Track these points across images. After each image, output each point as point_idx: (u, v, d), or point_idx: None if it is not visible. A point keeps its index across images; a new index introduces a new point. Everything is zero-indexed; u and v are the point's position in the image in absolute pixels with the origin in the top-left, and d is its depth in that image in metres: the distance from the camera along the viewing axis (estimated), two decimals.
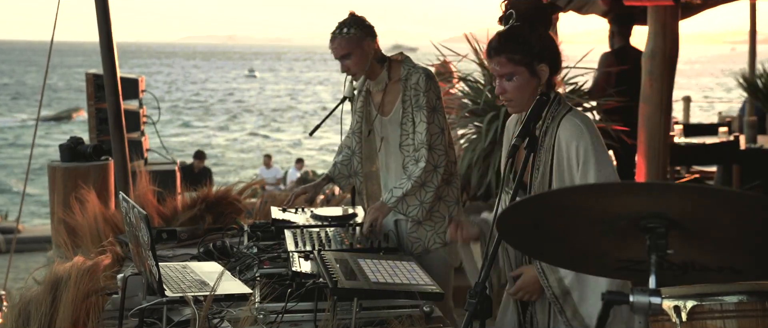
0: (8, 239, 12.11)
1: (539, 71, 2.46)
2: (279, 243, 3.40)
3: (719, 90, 59.31)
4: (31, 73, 77.47)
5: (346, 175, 3.85)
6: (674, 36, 5.00)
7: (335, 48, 3.51)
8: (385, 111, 3.61)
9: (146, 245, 2.42)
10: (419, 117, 3.46)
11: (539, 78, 2.47)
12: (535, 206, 1.71)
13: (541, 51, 2.45)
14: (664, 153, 5.11)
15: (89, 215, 3.77)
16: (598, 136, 2.49)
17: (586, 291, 2.47)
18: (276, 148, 31.55)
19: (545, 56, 2.46)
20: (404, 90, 3.51)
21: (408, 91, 3.50)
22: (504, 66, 2.45)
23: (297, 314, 2.60)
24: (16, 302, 2.69)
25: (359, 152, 3.74)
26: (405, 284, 2.67)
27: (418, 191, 3.46)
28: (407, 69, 3.53)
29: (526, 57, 2.43)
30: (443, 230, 3.53)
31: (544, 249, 1.88)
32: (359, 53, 3.49)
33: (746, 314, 1.94)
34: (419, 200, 3.47)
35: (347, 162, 3.85)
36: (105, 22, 4.86)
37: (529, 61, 2.44)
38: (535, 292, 2.59)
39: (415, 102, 3.47)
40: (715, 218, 1.57)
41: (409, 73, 3.51)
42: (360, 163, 3.75)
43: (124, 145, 4.99)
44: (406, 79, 3.51)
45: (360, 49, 3.49)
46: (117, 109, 4.97)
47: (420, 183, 3.44)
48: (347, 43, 3.48)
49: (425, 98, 3.45)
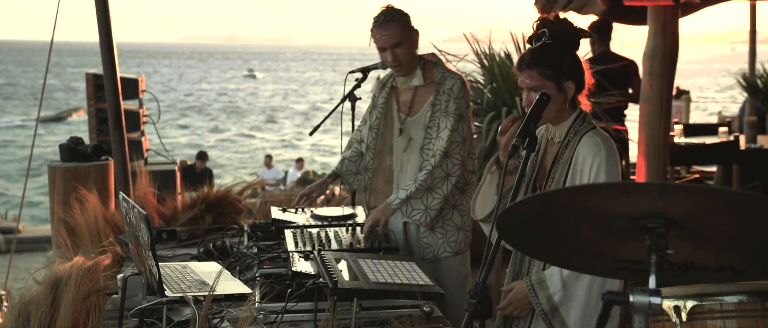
0: (8, 239, 12.11)
1: (566, 88, 2.59)
2: (279, 243, 3.40)
3: (712, 90, 59.32)
4: (27, 74, 77.51)
5: (355, 171, 3.77)
6: (674, 36, 4.99)
7: (387, 36, 3.37)
8: (412, 111, 3.53)
9: (146, 245, 2.43)
10: (445, 123, 3.39)
11: (566, 94, 2.59)
12: (535, 206, 1.71)
13: (570, 70, 2.59)
14: (664, 153, 5.10)
15: (89, 215, 3.77)
16: (614, 156, 2.57)
17: (572, 305, 2.53)
18: (265, 149, 31.54)
19: (573, 75, 2.59)
20: (436, 94, 3.43)
21: (440, 96, 3.42)
22: (534, 79, 2.57)
23: (297, 314, 2.60)
24: (16, 302, 2.69)
25: (373, 147, 3.65)
26: (405, 284, 2.67)
27: (423, 195, 3.41)
28: (441, 73, 3.45)
29: (556, 73, 2.56)
30: (455, 240, 3.51)
31: (544, 249, 1.88)
32: (409, 44, 3.41)
33: (746, 314, 1.94)
34: (424, 205, 3.42)
35: (356, 158, 3.77)
36: (105, 22, 4.86)
37: (557, 78, 2.57)
38: (525, 307, 2.62)
39: (445, 107, 3.40)
40: (715, 218, 1.57)
41: (444, 77, 3.43)
42: (372, 158, 3.66)
43: (124, 145, 4.98)
44: (440, 82, 3.43)
45: (410, 39, 3.42)
46: (117, 109, 4.97)
47: (426, 187, 3.39)
48: (402, 30, 3.37)
49: (455, 105, 3.39)
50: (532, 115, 2.47)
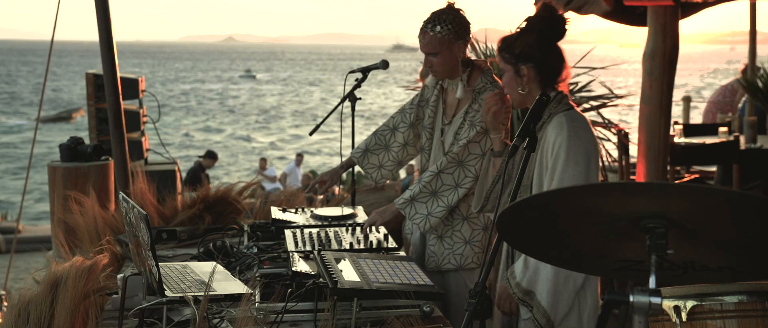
0: (8, 239, 12.11)
1: (522, 72, 2.71)
2: (279, 243, 3.40)
3: (708, 90, 59.36)
4: (23, 73, 77.49)
5: (377, 165, 3.65)
6: (674, 36, 4.99)
7: (424, 44, 3.31)
8: (448, 115, 3.44)
9: (146, 245, 2.42)
10: (468, 132, 3.29)
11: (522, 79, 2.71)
12: (535, 206, 1.71)
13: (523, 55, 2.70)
14: (664, 153, 5.10)
15: (89, 215, 3.76)
16: (578, 137, 2.60)
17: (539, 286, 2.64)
18: (257, 150, 31.50)
19: (530, 59, 2.69)
20: (472, 101, 3.33)
21: (474, 104, 3.32)
22: (500, 63, 2.78)
23: (297, 314, 2.60)
24: (16, 302, 2.68)
25: (428, 148, 3.51)
26: (405, 284, 2.67)
27: (428, 200, 3.29)
28: (484, 82, 3.34)
29: (511, 57, 2.72)
30: (461, 253, 3.36)
31: (544, 249, 1.88)
32: (447, 54, 3.29)
33: (746, 314, 1.94)
34: (427, 211, 3.29)
35: (379, 150, 3.63)
36: (105, 22, 4.86)
37: (514, 62, 2.71)
38: (512, 300, 2.73)
39: (474, 116, 3.30)
40: (715, 218, 1.57)
41: (485, 86, 3.32)
42: (427, 160, 3.51)
43: (124, 145, 4.98)
44: (479, 91, 3.33)
45: (449, 51, 3.29)
46: (117, 109, 4.97)
47: (430, 190, 3.28)
48: (438, 43, 3.27)
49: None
50: (532, 115, 2.48)
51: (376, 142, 3.65)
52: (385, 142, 3.65)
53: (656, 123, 5.02)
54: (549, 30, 2.71)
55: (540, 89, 2.69)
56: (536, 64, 2.68)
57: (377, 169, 3.67)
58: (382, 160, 3.66)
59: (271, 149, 32.44)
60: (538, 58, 2.68)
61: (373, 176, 3.72)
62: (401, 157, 3.67)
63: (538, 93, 2.65)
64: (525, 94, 2.71)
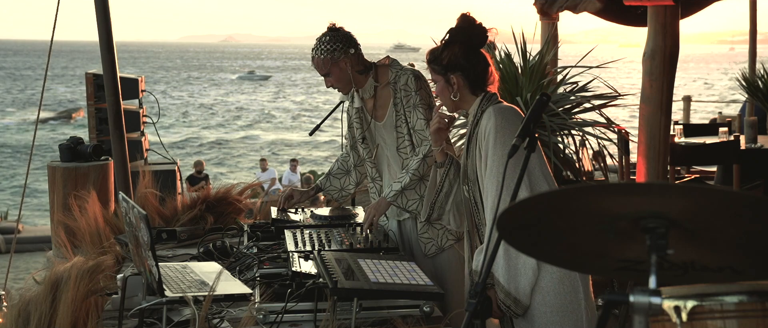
0: (8, 239, 12.11)
1: (452, 81, 2.85)
2: (279, 243, 3.40)
3: (704, 90, 59.37)
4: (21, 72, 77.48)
5: (339, 188, 3.89)
6: (674, 36, 4.99)
7: (316, 68, 3.52)
8: (378, 116, 3.59)
9: (146, 245, 2.43)
10: (415, 116, 3.45)
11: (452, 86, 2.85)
12: (535, 206, 1.71)
13: (450, 64, 2.84)
14: (664, 153, 5.10)
15: (89, 216, 3.76)
16: (505, 119, 2.74)
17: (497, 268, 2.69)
18: (253, 149, 31.48)
19: (457, 68, 2.84)
20: (394, 93, 3.49)
21: (398, 94, 3.48)
22: (431, 74, 2.94)
23: (297, 314, 2.60)
24: (16, 302, 2.69)
25: (372, 157, 3.70)
26: (405, 284, 2.67)
27: (417, 185, 3.43)
28: (395, 72, 3.51)
29: (440, 69, 2.86)
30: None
31: (544, 249, 1.88)
32: (337, 71, 3.48)
33: (747, 314, 1.93)
34: (419, 194, 3.44)
35: (341, 175, 3.88)
36: (105, 22, 4.86)
37: (443, 72, 2.86)
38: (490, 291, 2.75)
39: (407, 103, 3.46)
40: (715, 218, 1.56)
41: (398, 75, 3.49)
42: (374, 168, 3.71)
43: (124, 146, 4.99)
44: (395, 82, 3.49)
45: (337, 67, 3.47)
46: (117, 109, 4.97)
47: (419, 176, 3.42)
48: (323, 63, 3.47)
49: (418, 97, 3.45)
50: (531, 116, 2.48)
51: (339, 168, 3.90)
52: (347, 168, 3.89)
53: (656, 123, 5.02)
54: (471, 39, 2.86)
55: (471, 94, 2.85)
56: (464, 72, 2.84)
57: (339, 191, 3.91)
58: (343, 184, 3.90)
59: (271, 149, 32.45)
60: (464, 66, 2.84)
61: (334, 197, 3.94)
62: (358, 179, 3.92)
63: (469, 98, 2.85)
64: (457, 100, 2.87)
